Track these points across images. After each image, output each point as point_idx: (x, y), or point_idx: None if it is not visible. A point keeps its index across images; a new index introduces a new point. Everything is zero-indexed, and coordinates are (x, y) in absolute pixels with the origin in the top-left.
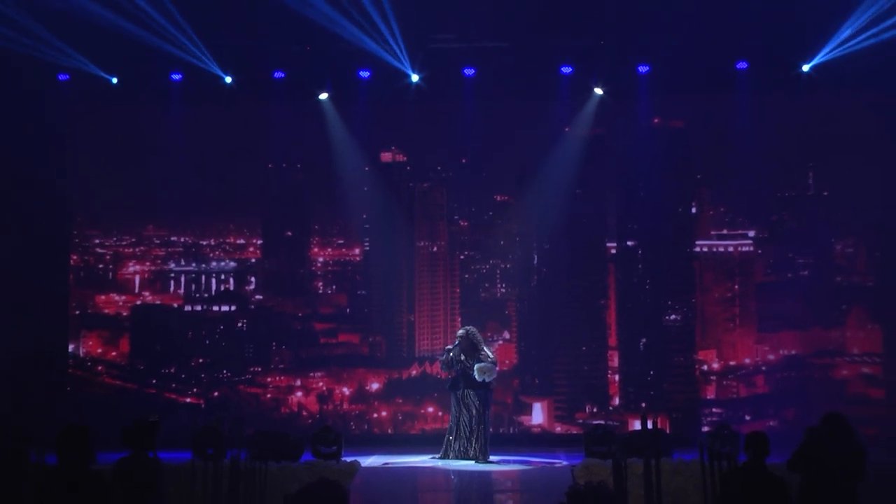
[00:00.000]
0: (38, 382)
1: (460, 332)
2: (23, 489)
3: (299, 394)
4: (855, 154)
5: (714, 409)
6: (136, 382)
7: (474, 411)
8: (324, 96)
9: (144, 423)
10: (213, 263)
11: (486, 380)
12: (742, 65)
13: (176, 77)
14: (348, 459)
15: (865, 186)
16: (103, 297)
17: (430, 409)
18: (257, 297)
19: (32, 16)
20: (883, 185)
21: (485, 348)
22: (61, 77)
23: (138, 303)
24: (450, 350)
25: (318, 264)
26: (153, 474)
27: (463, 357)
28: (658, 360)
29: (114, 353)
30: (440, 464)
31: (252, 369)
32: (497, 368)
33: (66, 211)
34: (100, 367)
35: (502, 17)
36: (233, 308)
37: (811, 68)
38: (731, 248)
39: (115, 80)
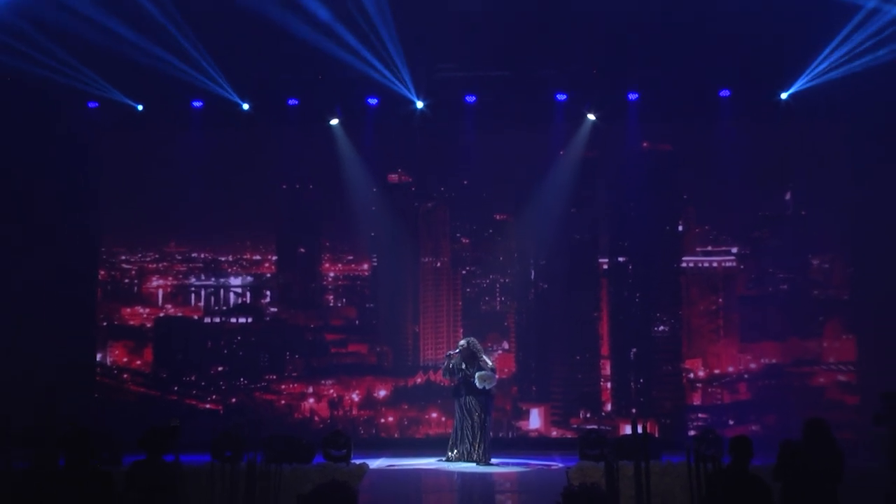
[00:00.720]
0: (68, 390)
1: (461, 342)
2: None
3: (311, 400)
4: (829, 176)
5: (700, 415)
6: (159, 389)
7: (476, 417)
8: (334, 122)
9: (158, 430)
10: (231, 278)
11: (487, 387)
12: (725, 92)
13: (197, 104)
14: (357, 462)
15: (839, 206)
16: (129, 309)
17: (434, 415)
18: (272, 309)
19: (66, 47)
20: (855, 206)
21: (484, 357)
22: (91, 104)
23: (161, 315)
24: (451, 355)
25: (329, 279)
26: (168, 478)
27: (464, 366)
28: (647, 369)
29: (138, 362)
30: (444, 466)
31: (267, 377)
32: (496, 376)
33: (95, 229)
34: (125, 375)
35: (501, 47)
36: (249, 320)
37: (789, 96)
38: (715, 264)
39: (140, 107)
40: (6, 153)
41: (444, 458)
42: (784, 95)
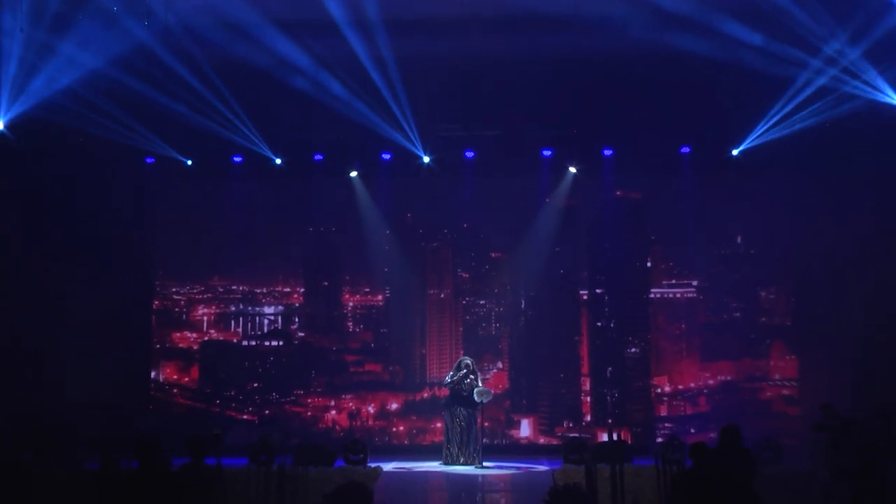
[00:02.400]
0: (128, 402)
1: (465, 360)
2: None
3: (333, 412)
4: (773, 220)
5: (666, 424)
6: (203, 403)
7: (465, 425)
8: (353, 174)
9: (202, 437)
10: (265, 307)
11: (484, 401)
12: (685, 149)
13: (237, 159)
14: (373, 465)
15: (782, 246)
16: (178, 334)
17: (439, 425)
18: (300, 334)
19: (129, 113)
20: (795, 245)
21: (476, 377)
22: (148, 160)
23: (206, 339)
24: (453, 375)
25: (349, 308)
26: (210, 479)
27: (458, 381)
28: (621, 385)
29: (186, 379)
30: (445, 468)
31: (295, 392)
32: (492, 392)
33: (150, 265)
34: (175, 391)
35: (495, 111)
36: (280, 343)
37: (739, 153)
38: (678, 295)
39: (189, 162)
40: (79, 201)
41: (442, 462)
42: (735, 152)
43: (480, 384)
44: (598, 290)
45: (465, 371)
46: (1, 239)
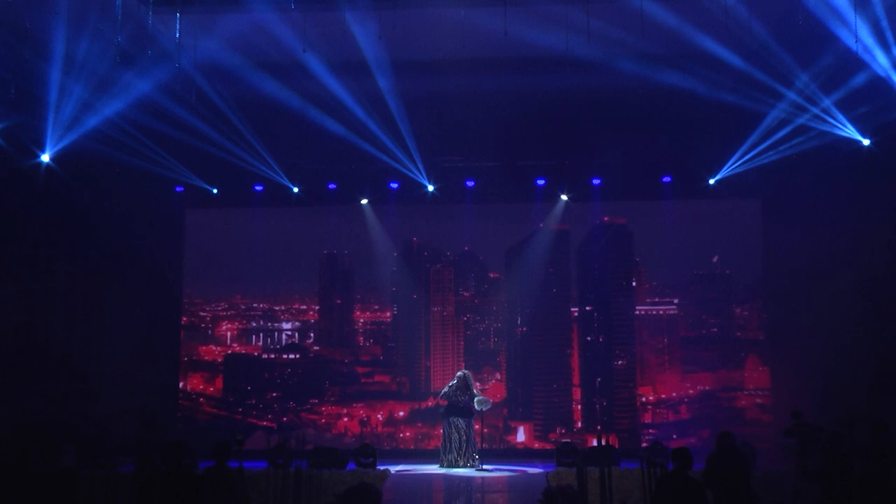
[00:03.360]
0: (158, 410)
1: (459, 373)
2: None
3: (345, 419)
4: (747, 243)
5: (650, 430)
6: (227, 410)
7: (462, 432)
8: (364, 201)
9: (226, 442)
10: (283, 323)
11: (483, 409)
12: (667, 178)
13: (258, 188)
14: (381, 468)
15: (755, 267)
16: (204, 347)
17: (442, 431)
18: (315, 348)
19: (161, 145)
20: (767, 267)
21: (474, 388)
22: (178, 188)
23: (229, 352)
24: (452, 386)
25: (360, 324)
26: (233, 480)
27: (457, 391)
28: (609, 394)
29: (211, 389)
30: (448, 471)
31: (311, 401)
32: (491, 401)
33: (179, 285)
34: (201, 399)
35: (494, 143)
36: (297, 356)
37: (716, 181)
38: (661, 312)
39: (215, 190)
40: (116, 226)
41: (443, 465)
42: (712, 181)
43: (477, 395)
44: (587, 308)
45: (458, 382)
46: (49, 260)
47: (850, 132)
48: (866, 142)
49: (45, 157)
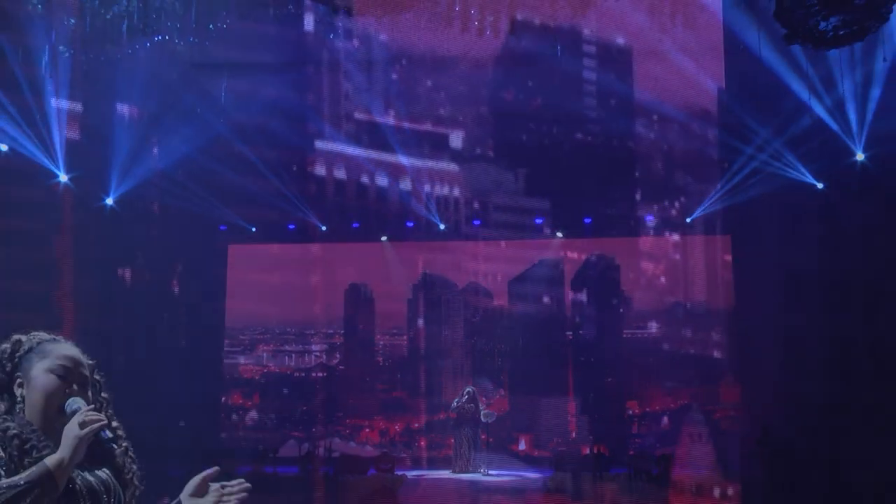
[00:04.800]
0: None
1: (467, 389)
2: None
3: (367, 430)
4: (720, 275)
5: (637, 440)
6: (263, 422)
7: (470, 441)
8: (384, 238)
9: (262, 451)
10: (313, 345)
11: (489, 421)
12: (649, 218)
13: (291, 226)
14: (399, 473)
15: (727, 296)
16: (244, 366)
17: (452, 441)
18: (340, 367)
19: (206, 188)
20: (738, 296)
21: (481, 402)
22: (221, 227)
23: (265, 370)
24: (461, 400)
25: (380, 346)
26: (268, 484)
27: (466, 405)
28: (601, 408)
29: (249, 404)
30: (457, 476)
31: (337, 414)
32: (495, 413)
33: (222, 312)
34: (241, 412)
35: (496, 187)
36: (325, 374)
37: (691, 219)
38: (646, 335)
39: (253, 229)
40: (169, 261)
41: (454, 471)
42: (688, 220)
43: (483, 408)
44: (581, 332)
45: (467, 397)
46: (113, 292)
47: (807, 176)
48: (819, 185)
49: (109, 200)
